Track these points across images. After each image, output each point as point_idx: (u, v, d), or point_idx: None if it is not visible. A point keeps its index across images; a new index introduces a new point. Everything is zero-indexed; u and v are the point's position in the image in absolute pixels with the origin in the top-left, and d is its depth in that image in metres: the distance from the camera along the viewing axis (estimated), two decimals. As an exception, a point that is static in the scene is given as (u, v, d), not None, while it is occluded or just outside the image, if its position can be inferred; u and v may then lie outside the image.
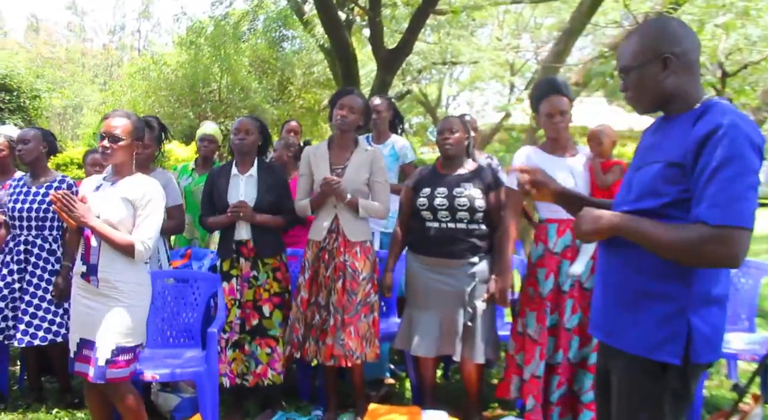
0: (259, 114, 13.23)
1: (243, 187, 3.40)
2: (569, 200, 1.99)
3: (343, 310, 3.19)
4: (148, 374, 3.00)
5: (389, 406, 3.28)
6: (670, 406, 1.70)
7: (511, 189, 3.18)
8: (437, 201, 3.20)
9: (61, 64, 27.39)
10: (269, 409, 3.47)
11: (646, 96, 1.76)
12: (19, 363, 3.98)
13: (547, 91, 3.10)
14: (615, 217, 1.68)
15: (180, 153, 11.12)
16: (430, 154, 15.95)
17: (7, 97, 10.40)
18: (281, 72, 15.34)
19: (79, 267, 2.70)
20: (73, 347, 2.72)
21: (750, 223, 1.52)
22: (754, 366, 3.51)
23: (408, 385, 3.88)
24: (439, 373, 3.94)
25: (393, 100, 4.50)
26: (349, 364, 3.19)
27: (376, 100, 4.29)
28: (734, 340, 3.45)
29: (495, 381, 3.98)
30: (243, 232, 3.36)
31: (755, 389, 3.28)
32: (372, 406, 3.22)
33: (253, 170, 3.44)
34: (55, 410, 3.45)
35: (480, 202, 3.19)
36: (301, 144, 4.52)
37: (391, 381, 4.00)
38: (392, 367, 4.15)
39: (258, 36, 15.34)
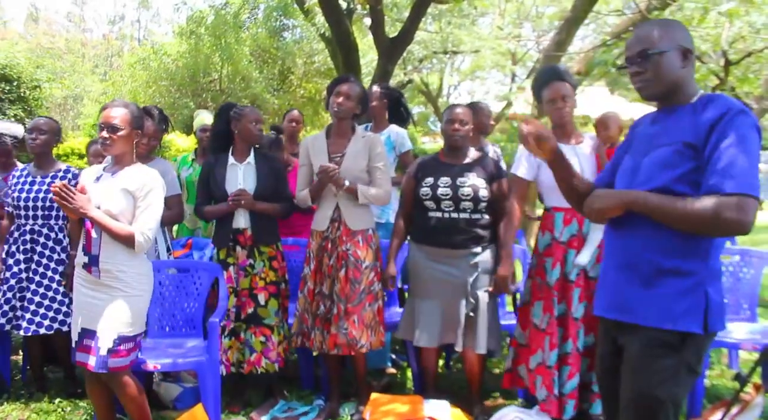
0: (260, 104, 13.23)
1: (241, 176, 3.41)
2: (562, 164, 2.05)
3: (346, 299, 3.19)
4: (150, 364, 3.01)
5: (391, 396, 3.29)
6: (685, 379, 1.81)
7: (516, 177, 3.19)
8: (440, 190, 3.18)
9: (61, 54, 27.32)
10: (271, 398, 3.48)
11: (662, 81, 1.85)
12: (21, 353, 3.98)
13: (549, 78, 3.09)
14: (629, 193, 1.83)
15: (181, 143, 11.11)
16: (432, 144, 15.93)
17: (7, 88, 10.36)
18: (282, 61, 15.31)
19: (81, 258, 2.70)
20: (75, 337, 2.72)
21: (758, 192, 1.66)
22: (756, 355, 3.51)
23: (410, 374, 3.89)
24: (440, 362, 3.94)
25: (393, 89, 4.44)
26: (353, 353, 3.20)
27: (375, 88, 4.27)
28: (736, 330, 3.45)
29: (496, 370, 3.99)
30: (241, 221, 3.38)
31: (756, 379, 3.28)
32: (374, 395, 3.23)
33: (251, 158, 3.45)
34: (58, 400, 3.46)
35: (484, 192, 3.17)
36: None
37: (392, 371, 4.01)
38: (394, 356, 4.16)
39: (258, 25, 15.30)
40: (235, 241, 3.39)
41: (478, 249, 3.18)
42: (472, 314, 3.15)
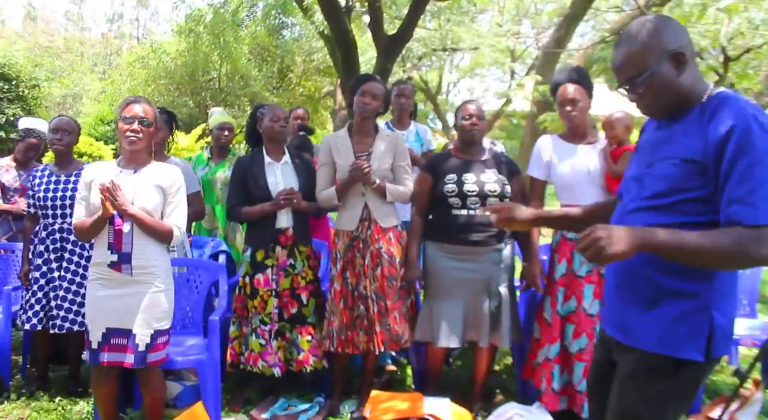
0: (259, 102, 13.20)
1: (280, 175, 3.39)
2: (551, 220, 1.97)
3: (385, 296, 3.19)
4: (150, 362, 3.01)
5: (391, 393, 3.29)
6: (676, 403, 1.69)
7: (532, 178, 3.24)
8: (467, 187, 3.15)
9: (59, 53, 27.30)
10: (271, 396, 3.48)
11: (664, 99, 1.67)
12: (21, 352, 3.98)
13: (560, 81, 3.15)
14: (643, 235, 1.53)
15: (180, 142, 11.09)
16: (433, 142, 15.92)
17: (6, 87, 10.34)
18: (281, 59, 15.30)
19: (107, 257, 2.64)
20: (97, 338, 2.66)
21: None
22: (755, 351, 3.51)
23: (409, 371, 3.89)
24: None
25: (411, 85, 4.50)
26: (397, 349, 3.25)
27: (404, 85, 4.29)
28: (735, 326, 3.45)
29: (497, 367, 4.00)
30: (284, 220, 3.35)
31: (756, 375, 3.28)
32: (374, 392, 3.23)
33: (286, 158, 3.45)
34: (58, 398, 3.46)
35: (508, 188, 3.20)
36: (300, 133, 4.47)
37: (392, 368, 4.01)
38: (393, 354, 4.16)
39: (257, 23, 15.29)
40: (276, 241, 3.36)
41: (501, 245, 3.19)
42: (495, 310, 3.16)
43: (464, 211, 3.16)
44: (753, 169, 1.47)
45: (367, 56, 12.16)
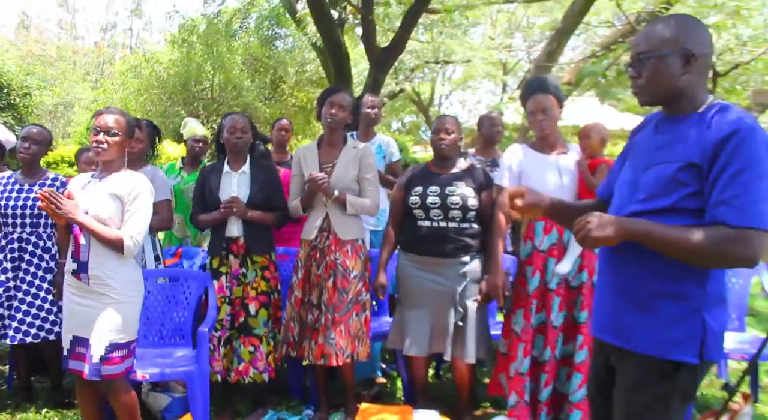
0: (251, 112, 13.21)
1: (235, 184, 3.41)
2: (559, 212, 2.00)
3: (333, 308, 3.18)
4: (139, 374, 2.98)
5: (381, 406, 3.28)
6: (678, 405, 1.72)
7: (501, 187, 3.20)
8: (429, 199, 3.19)
9: (52, 61, 27.20)
10: (260, 408, 3.46)
11: (658, 87, 1.73)
12: (7, 363, 3.94)
13: (532, 90, 3.13)
14: (629, 222, 1.66)
15: (171, 151, 11.08)
16: (423, 154, 15.98)
17: (-3, 95, 10.33)
18: (274, 70, 15.31)
19: (70, 265, 2.68)
20: (66, 345, 2.70)
21: (767, 224, 1.55)
22: (744, 365, 3.53)
23: (399, 384, 3.88)
24: (431, 372, 3.93)
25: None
26: (339, 363, 3.17)
27: (373, 97, 4.28)
28: (724, 340, 3.46)
29: (486, 380, 3.99)
30: (234, 229, 3.37)
31: (745, 388, 3.30)
32: (363, 405, 3.22)
33: (246, 167, 3.45)
34: (45, 410, 3.43)
35: (473, 201, 3.19)
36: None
37: (382, 380, 4.00)
38: (384, 366, 4.15)
39: (250, 34, 15.31)
40: (228, 250, 3.38)
41: (467, 258, 3.19)
42: (460, 323, 3.15)
43: (427, 223, 3.20)
44: (742, 174, 1.54)
45: (360, 68, 12.22)
